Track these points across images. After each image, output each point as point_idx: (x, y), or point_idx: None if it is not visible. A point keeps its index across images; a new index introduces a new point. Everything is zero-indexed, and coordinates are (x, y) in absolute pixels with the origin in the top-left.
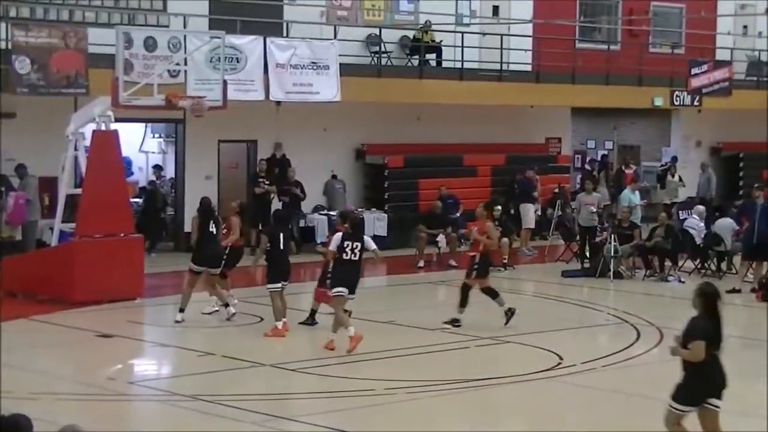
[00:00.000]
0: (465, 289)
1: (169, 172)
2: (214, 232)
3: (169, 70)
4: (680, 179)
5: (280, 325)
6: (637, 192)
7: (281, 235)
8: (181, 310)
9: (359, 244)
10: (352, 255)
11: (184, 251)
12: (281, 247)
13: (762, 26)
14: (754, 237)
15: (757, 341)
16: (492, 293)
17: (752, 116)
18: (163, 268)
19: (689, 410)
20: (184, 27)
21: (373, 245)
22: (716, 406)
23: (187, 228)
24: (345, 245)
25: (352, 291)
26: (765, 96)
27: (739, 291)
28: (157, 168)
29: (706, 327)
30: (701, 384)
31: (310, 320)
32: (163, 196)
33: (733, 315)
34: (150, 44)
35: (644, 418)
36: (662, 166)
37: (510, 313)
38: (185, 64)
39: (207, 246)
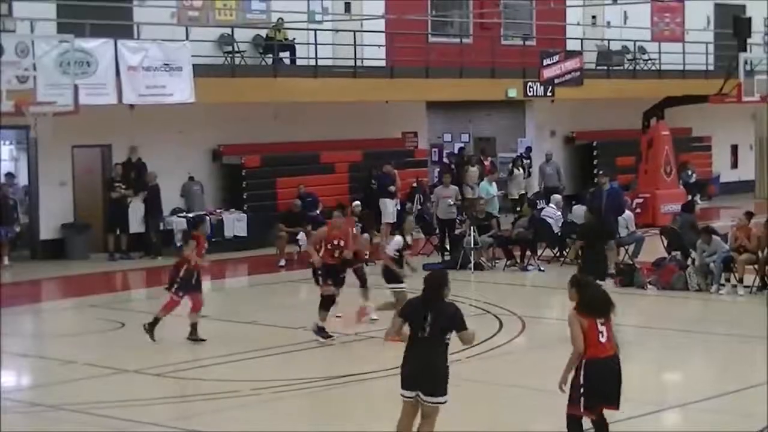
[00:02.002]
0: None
1: (23, 179)
2: None
3: (17, 76)
4: (526, 171)
5: None
6: (494, 183)
7: None
8: None
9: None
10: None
11: (40, 259)
12: None
13: (610, 16)
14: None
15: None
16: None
17: (603, 105)
18: (19, 277)
19: (405, 395)
20: (32, 31)
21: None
22: (426, 401)
23: (43, 236)
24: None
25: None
26: (615, 85)
27: (610, 275)
28: (10, 176)
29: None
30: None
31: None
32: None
33: None
34: None
35: (506, 405)
36: (517, 157)
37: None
38: (34, 69)
39: None
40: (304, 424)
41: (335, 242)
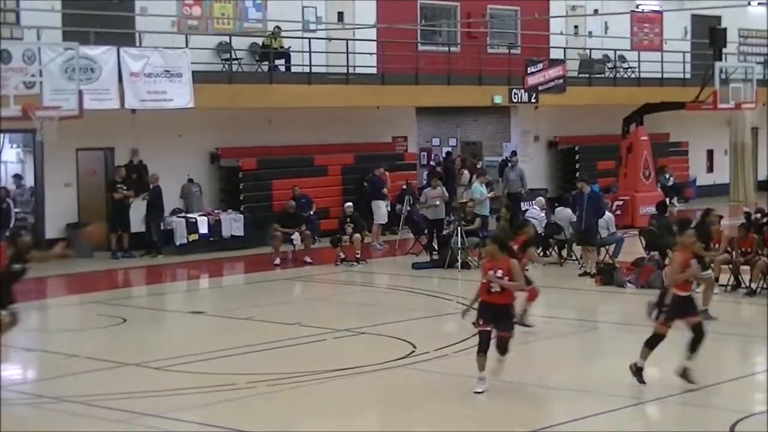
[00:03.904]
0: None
1: (29, 181)
2: None
3: (24, 82)
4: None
5: None
6: (484, 185)
7: None
8: None
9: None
10: None
11: None
12: None
13: (592, 26)
14: (582, 224)
15: (593, 322)
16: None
17: (585, 111)
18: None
19: None
20: (38, 39)
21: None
22: None
23: (48, 235)
24: None
25: None
26: (596, 92)
27: (591, 275)
28: (17, 177)
29: None
30: None
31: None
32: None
33: (573, 299)
34: (4, 57)
35: (490, 398)
36: (502, 160)
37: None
38: (40, 75)
39: None
40: (299, 415)
41: (491, 273)
